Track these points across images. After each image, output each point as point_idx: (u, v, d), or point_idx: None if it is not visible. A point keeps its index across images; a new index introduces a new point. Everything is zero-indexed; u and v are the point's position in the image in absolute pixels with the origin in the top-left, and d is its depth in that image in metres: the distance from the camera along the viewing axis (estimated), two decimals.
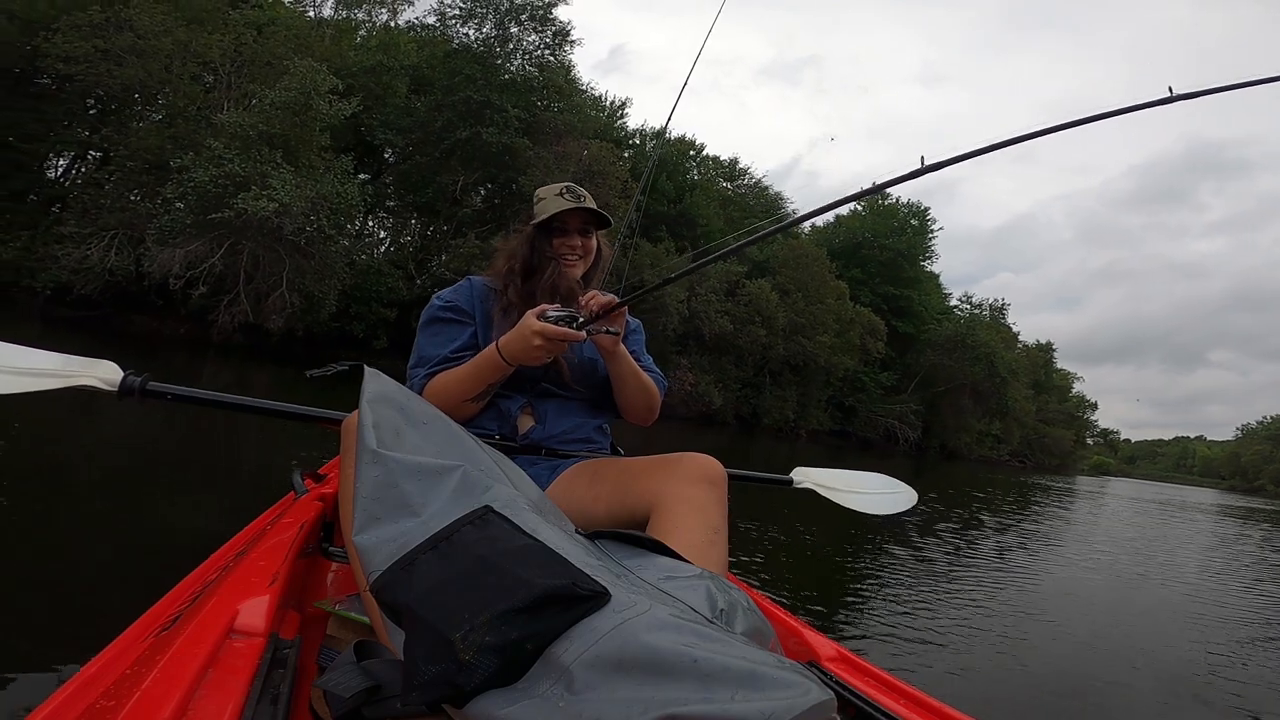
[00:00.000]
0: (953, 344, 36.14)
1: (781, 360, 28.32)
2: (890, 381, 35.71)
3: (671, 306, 22.95)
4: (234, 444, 4.86)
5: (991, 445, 42.16)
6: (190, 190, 13.14)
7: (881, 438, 34.64)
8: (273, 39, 16.34)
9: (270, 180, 13.07)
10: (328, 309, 15.60)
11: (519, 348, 1.23)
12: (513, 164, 20.93)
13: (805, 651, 0.99)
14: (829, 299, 29.39)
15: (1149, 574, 5.35)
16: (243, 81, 15.95)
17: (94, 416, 4.95)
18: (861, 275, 35.48)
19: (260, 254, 13.95)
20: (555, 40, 22.59)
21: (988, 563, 4.65)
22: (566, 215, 1.46)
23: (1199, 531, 10.70)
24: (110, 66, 14.18)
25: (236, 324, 14.38)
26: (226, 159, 13.19)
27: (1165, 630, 3.43)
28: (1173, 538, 8.90)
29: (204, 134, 14.27)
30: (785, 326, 27.47)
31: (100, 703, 0.58)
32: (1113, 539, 7.81)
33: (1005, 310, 45.82)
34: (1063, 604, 3.66)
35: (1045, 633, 3.04)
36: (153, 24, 14.36)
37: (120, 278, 14.09)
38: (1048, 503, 12.36)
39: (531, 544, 0.72)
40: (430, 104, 20.57)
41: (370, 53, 21.09)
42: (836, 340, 29.48)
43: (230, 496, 3.32)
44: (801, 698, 0.51)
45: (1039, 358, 50.77)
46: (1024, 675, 2.47)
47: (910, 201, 39.28)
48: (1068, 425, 55.58)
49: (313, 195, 13.71)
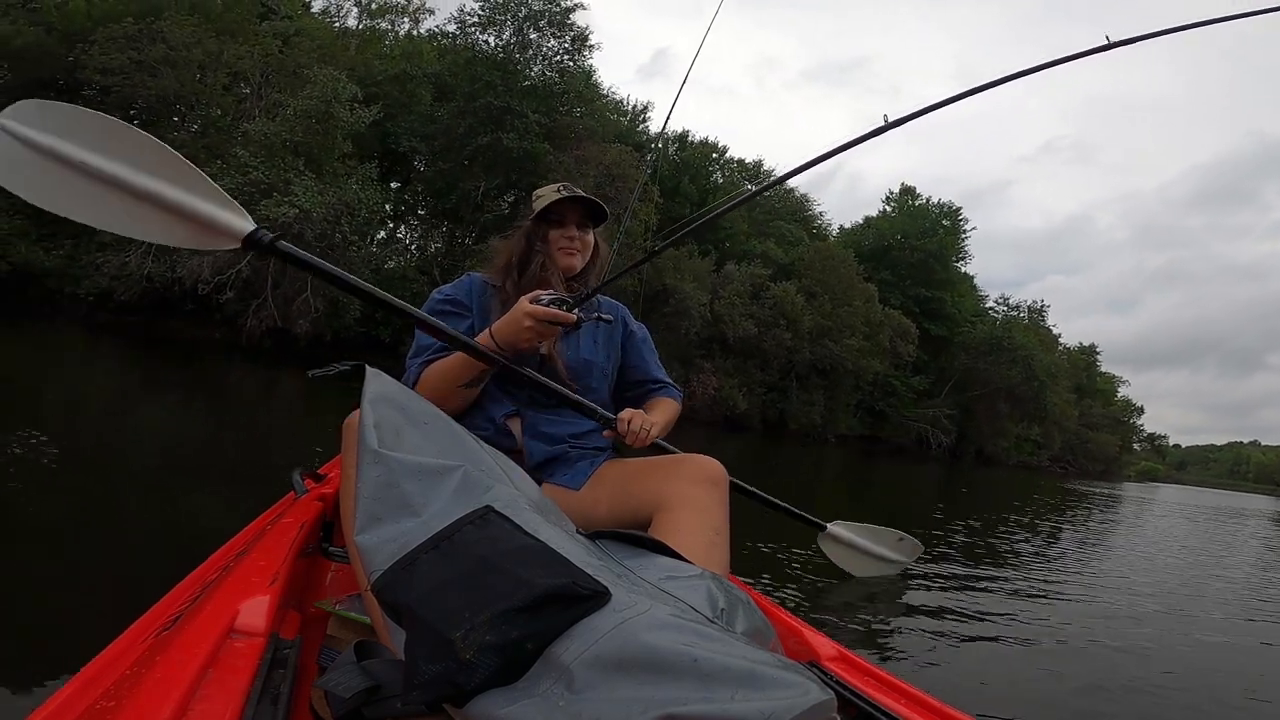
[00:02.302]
0: (988, 346, 35.06)
1: (808, 364, 27.87)
2: (923, 385, 34.85)
3: (694, 310, 22.80)
4: (234, 443, 4.91)
5: (1031, 450, 40.75)
6: None
7: (914, 442, 33.80)
8: (298, 49, 16.83)
9: (293, 187, 13.43)
10: (352, 314, 15.94)
11: (510, 330, 1.24)
12: (534, 169, 21.12)
13: (806, 651, 0.99)
14: (857, 301, 28.85)
15: (1192, 585, 4.97)
16: (271, 91, 16.48)
17: (92, 415, 5.05)
18: (891, 277, 34.74)
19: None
20: (574, 45, 22.80)
21: (1016, 569, 4.38)
22: (562, 207, 1.47)
23: (1257, 541, 10.03)
24: (145, 78, 14.73)
25: (265, 328, 14.78)
26: (252, 167, 13.60)
27: (1203, 647, 3.11)
28: (1223, 546, 8.36)
29: (235, 143, 14.75)
30: (811, 329, 27.04)
31: (100, 703, 0.58)
32: (1155, 546, 7.36)
33: (1045, 312, 44.40)
34: (1091, 615, 3.37)
35: (1071, 642, 2.79)
36: (184, 35, 14.89)
37: (158, 284, 14.64)
38: (1090, 509, 11.80)
39: (532, 544, 0.73)
40: (453, 110, 20.94)
41: (394, 61, 21.59)
42: (865, 343, 28.91)
43: (230, 496, 3.32)
44: (801, 697, 0.51)
45: (1081, 360, 48.95)
46: (1047, 683, 2.26)
47: (942, 201, 38.42)
48: (1112, 430, 53.36)
49: (334, 201, 14.03)
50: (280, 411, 7.21)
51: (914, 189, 38.80)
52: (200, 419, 5.66)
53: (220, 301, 14.43)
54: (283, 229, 13.53)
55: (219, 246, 1.24)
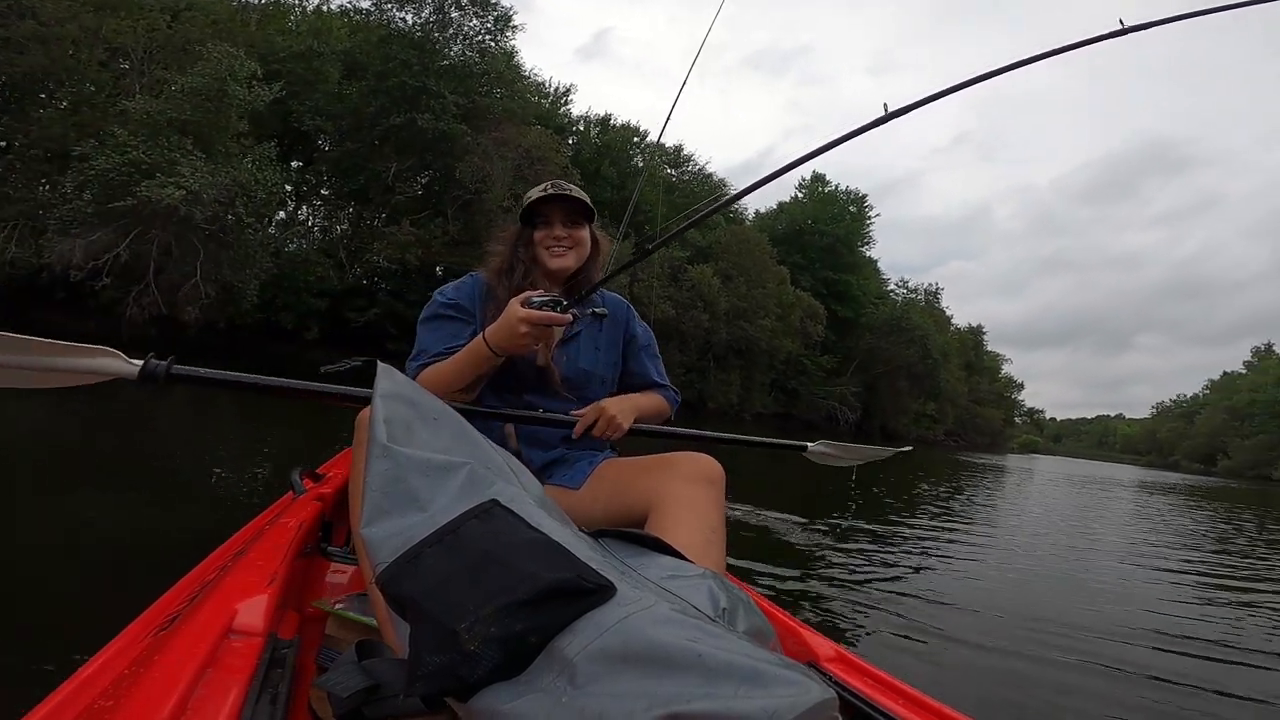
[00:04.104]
0: (889, 327, 37.58)
1: (725, 344, 28.87)
2: (831, 364, 36.85)
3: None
4: (233, 443, 4.76)
5: (928, 425, 44.08)
6: (92, 179, 12.61)
7: (824, 419, 35.75)
8: (190, 24, 15.69)
9: (179, 167, 12.57)
10: (249, 299, 15.16)
11: (505, 335, 1.21)
12: (450, 151, 20.62)
13: (805, 652, 0.99)
14: (770, 283, 30.07)
15: (1065, 545, 5.48)
16: (156, 68, 15.29)
17: (89, 414, 4.82)
18: (802, 260, 36.39)
19: (171, 244, 13.45)
20: (497, 25, 22.27)
21: (912, 540, 4.69)
22: (546, 206, 1.42)
23: (1140, 509, 11.04)
24: (10, 55, 13.50)
25: (148, 317, 13.80)
26: (131, 146, 12.65)
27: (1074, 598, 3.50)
28: (1100, 513, 9.25)
29: (110, 121, 13.63)
30: (728, 311, 28.00)
31: (98, 702, 0.58)
32: (1032, 513, 8.19)
33: (940, 294, 47.89)
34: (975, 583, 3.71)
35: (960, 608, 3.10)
36: (57, 10, 13.68)
37: (22, 269, 13.37)
38: (980, 480, 12.80)
39: (537, 538, 0.73)
40: (363, 89, 20.11)
41: (300, 38, 20.37)
42: (778, 324, 30.23)
43: (229, 496, 3.28)
44: (804, 696, 0.52)
45: (969, 340, 53.23)
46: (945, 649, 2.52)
47: (850, 189, 40.43)
48: (997, 405, 58.53)
49: (227, 183, 13.25)
50: (166, 410, 6.93)
51: (824, 176, 40.64)
52: (176, 413, 5.38)
53: (96, 289, 13.36)
54: (167, 212, 12.71)
55: (108, 379, 1.32)
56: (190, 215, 12.75)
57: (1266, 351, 71.33)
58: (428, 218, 20.98)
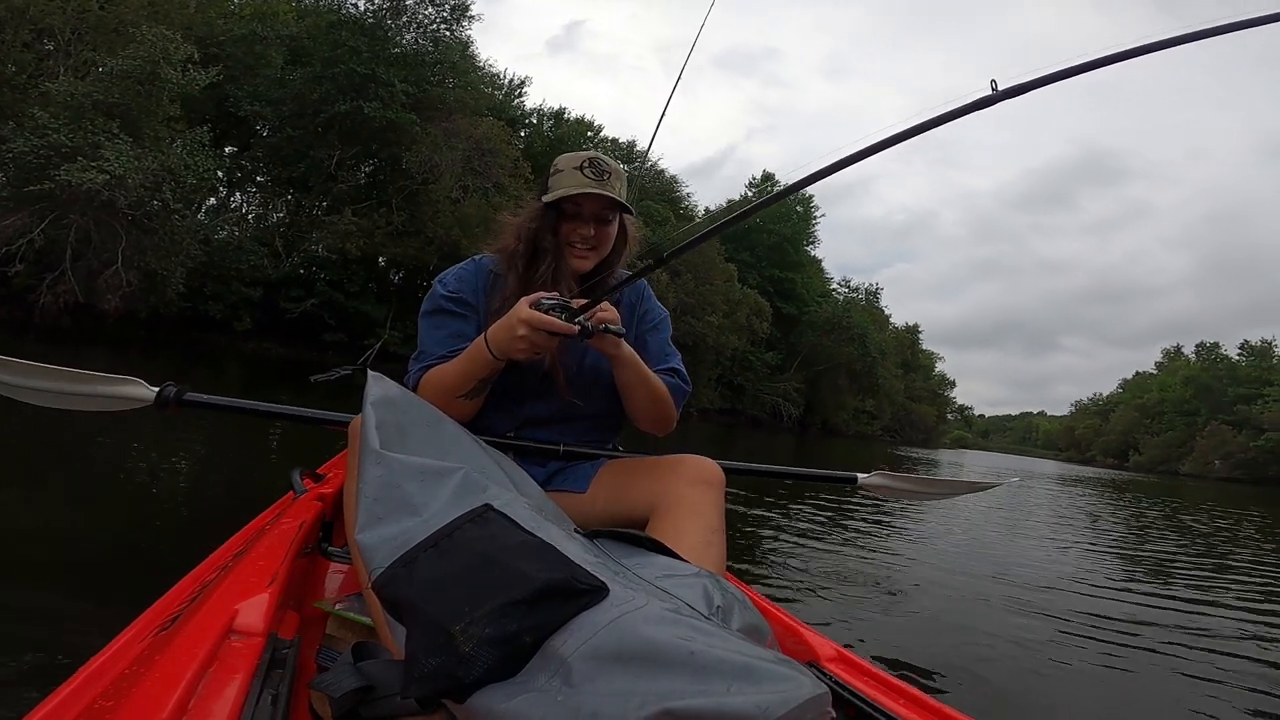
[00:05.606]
0: (831, 325, 38.91)
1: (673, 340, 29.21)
2: (775, 361, 37.83)
3: None
4: (233, 443, 4.68)
5: (866, 421, 45.88)
6: (7, 161, 11.99)
7: (769, 415, 36.75)
8: (123, 6, 14.97)
9: (103, 151, 12.06)
10: (174, 288, 14.66)
11: (504, 338, 1.12)
12: (398, 140, 20.25)
13: (804, 651, 0.98)
14: (718, 280, 30.62)
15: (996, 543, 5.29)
16: (84, 49, 14.57)
17: (89, 414, 4.58)
18: (750, 259, 37.18)
19: (90, 229, 12.89)
20: (453, 14, 21.95)
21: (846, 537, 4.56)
22: (581, 199, 1.27)
23: (1071, 503, 11.13)
24: None
25: (63, 305, 13.21)
26: (51, 129, 12.05)
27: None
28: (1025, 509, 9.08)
29: (31, 103, 12.93)
30: (676, 306, 28.41)
31: (98, 702, 0.58)
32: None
33: (879, 294, 49.81)
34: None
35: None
36: None
37: None
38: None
39: (531, 540, 0.73)
40: (308, 76, 19.57)
41: (242, 21, 19.64)
42: (725, 321, 30.86)
43: (229, 496, 3.24)
44: (796, 691, 0.52)
45: (907, 339, 55.55)
46: None
47: None
48: (931, 402, 61.32)
49: (155, 167, 12.78)
50: None
51: (773, 175, 41.57)
52: (75, 419, 5.21)
53: (9, 275, 12.71)
54: (88, 196, 12.18)
55: (134, 406, 1.60)
56: (113, 200, 12.26)
57: (1176, 353, 75.83)
58: (371, 207, 20.58)
